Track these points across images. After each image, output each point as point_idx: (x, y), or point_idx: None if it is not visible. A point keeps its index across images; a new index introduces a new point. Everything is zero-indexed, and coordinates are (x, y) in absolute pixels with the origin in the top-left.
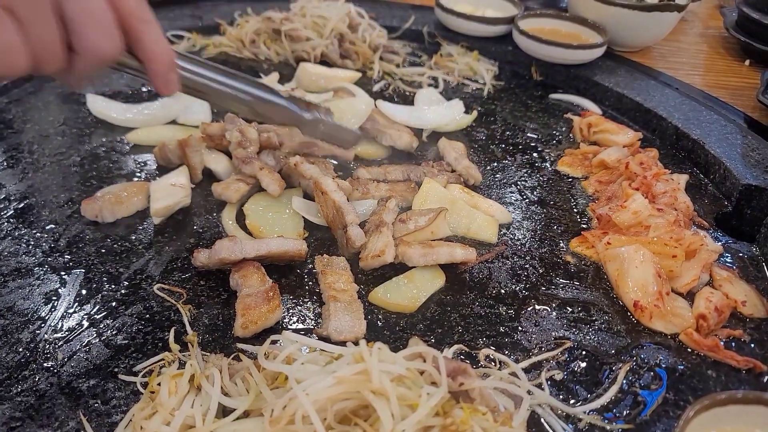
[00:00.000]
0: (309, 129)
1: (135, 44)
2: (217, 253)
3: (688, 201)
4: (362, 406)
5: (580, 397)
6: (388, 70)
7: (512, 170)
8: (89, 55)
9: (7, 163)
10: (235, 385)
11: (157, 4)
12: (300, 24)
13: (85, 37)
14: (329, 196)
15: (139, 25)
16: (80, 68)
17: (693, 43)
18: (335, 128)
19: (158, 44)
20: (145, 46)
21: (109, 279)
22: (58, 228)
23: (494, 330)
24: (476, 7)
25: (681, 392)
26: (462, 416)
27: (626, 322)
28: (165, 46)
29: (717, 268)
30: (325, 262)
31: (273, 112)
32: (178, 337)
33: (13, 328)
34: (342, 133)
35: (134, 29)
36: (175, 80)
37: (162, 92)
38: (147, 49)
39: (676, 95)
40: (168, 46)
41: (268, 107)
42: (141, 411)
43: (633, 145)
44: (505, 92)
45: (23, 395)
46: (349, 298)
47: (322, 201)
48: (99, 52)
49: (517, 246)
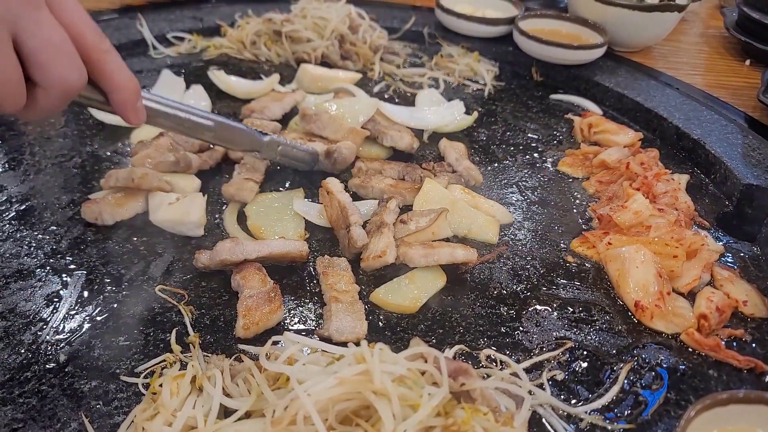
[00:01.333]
0: (267, 151)
1: (98, 75)
2: (218, 254)
3: (689, 201)
4: (364, 407)
5: (581, 397)
6: (388, 71)
7: (513, 171)
8: (55, 88)
9: (9, 165)
10: (237, 385)
11: (158, 5)
12: (301, 25)
13: (49, 69)
14: (335, 196)
15: (100, 55)
16: (44, 103)
17: (693, 43)
18: (292, 150)
19: (122, 73)
20: (109, 75)
21: (110, 280)
22: (60, 230)
23: (495, 330)
24: (476, 8)
25: (682, 392)
26: (463, 416)
27: (627, 322)
28: (129, 74)
29: (718, 268)
30: (327, 263)
31: (234, 137)
32: (180, 338)
33: (15, 330)
34: (299, 153)
35: (95, 60)
36: (143, 108)
37: (131, 121)
38: (111, 79)
39: (677, 95)
40: (131, 74)
41: (229, 132)
42: (143, 412)
43: (634, 145)
44: (505, 93)
45: (25, 396)
46: (350, 298)
47: (327, 201)
48: (65, 83)
49: (518, 246)
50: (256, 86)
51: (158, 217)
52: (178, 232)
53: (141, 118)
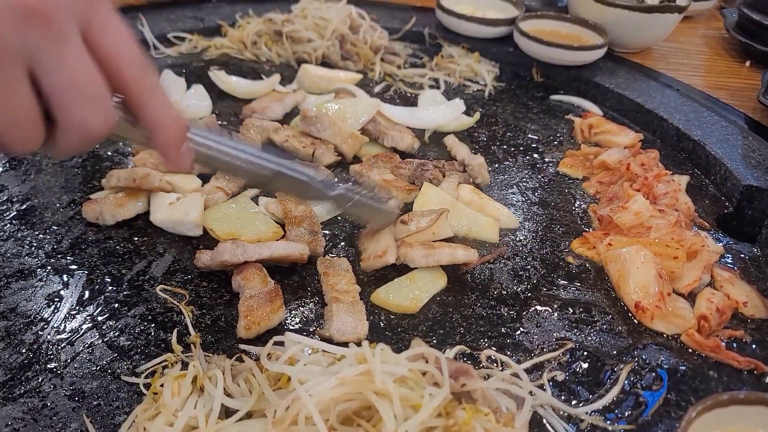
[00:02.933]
0: (336, 204)
1: (138, 114)
2: (219, 255)
3: (689, 202)
4: (365, 407)
5: (581, 397)
6: (389, 72)
7: (513, 171)
8: (75, 132)
9: (10, 164)
10: (238, 386)
11: (158, 5)
12: (301, 25)
13: (69, 111)
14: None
15: (141, 93)
16: (64, 144)
17: (693, 44)
18: (366, 206)
19: (165, 112)
20: (151, 115)
21: (111, 280)
22: (61, 230)
23: (496, 331)
24: (477, 9)
25: (683, 393)
26: (464, 417)
27: (627, 323)
28: (174, 114)
29: (718, 269)
30: (328, 264)
31: (294, 187)
32: (181, 338)
33: (16, 330)
34: (374, 212)
35: (135, 98)
36: (189, 152)
37: (174, 166)
38: (153, 119)
39: (677, 96)
40: (177, 114)
41: (289, 182)
42: (144, 412)
43: (634, 146)
44: (506, 93)
45: (26, 396)
46: (351, 299)
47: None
48: (86, 128)
49: (518, 247)
50: (257, 86)
51: (158, 218)
52: (177, 232)
53: (186, 164)
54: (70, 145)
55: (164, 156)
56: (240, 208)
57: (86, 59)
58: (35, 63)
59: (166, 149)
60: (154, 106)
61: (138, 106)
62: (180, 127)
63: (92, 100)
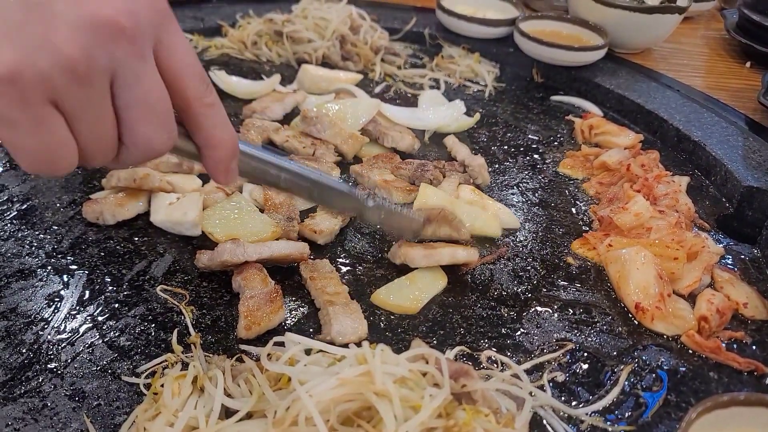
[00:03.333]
0: (370, 216)
1: (194, 129)
2: (219, 255)
3: (689, 203)
4: (365, 408)
5: (582, 398)
6: (389, 72)
7: (514, 172)
8: (138, 148)
9: (10, 164)
10: (238, 386)
11: None
12: (302, 26)
13: (136, 128)
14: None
15: (200, 108)
16: (124, 158)
17: (694, 45)
18: (396, 216)
19: (222, 129)
20: (207, 131)
21: (111, 280)
22: (61, 230)
23: (496, 332)
24: (477, 9)
25: (683, 394)
26: (464, 418)
27: (628, 323)
28: (230, 131)
29: (718, 270)
30: (312, 268)
31: (332, 199)
32: (181, 338)
33: (17, 330)
34: (403, 221)
35: (194, 113)
36: (236, 169)
37: (221, 182)
38: (208, 135)
39: (677, 97)
40: (232, 131)
41: (328, 193)
42: (144, 412)
43: (634, 146)
44: (506, 94)
45: (27, 396)
46: (344, 299)
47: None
48: (149, 145)
49: (518, 248)
50: (258, 86)
51: (158, 218)
52: (177, 232)
53: (232, 180)
54: (131, 160)
55: (212, 172)
56: (238, 208)
57: (158, 77)
58: (116, 79)
59: (216, 167)
60: (212, 125)
61: (196, 123)
62: (233, 145)
63: (160, 118)
